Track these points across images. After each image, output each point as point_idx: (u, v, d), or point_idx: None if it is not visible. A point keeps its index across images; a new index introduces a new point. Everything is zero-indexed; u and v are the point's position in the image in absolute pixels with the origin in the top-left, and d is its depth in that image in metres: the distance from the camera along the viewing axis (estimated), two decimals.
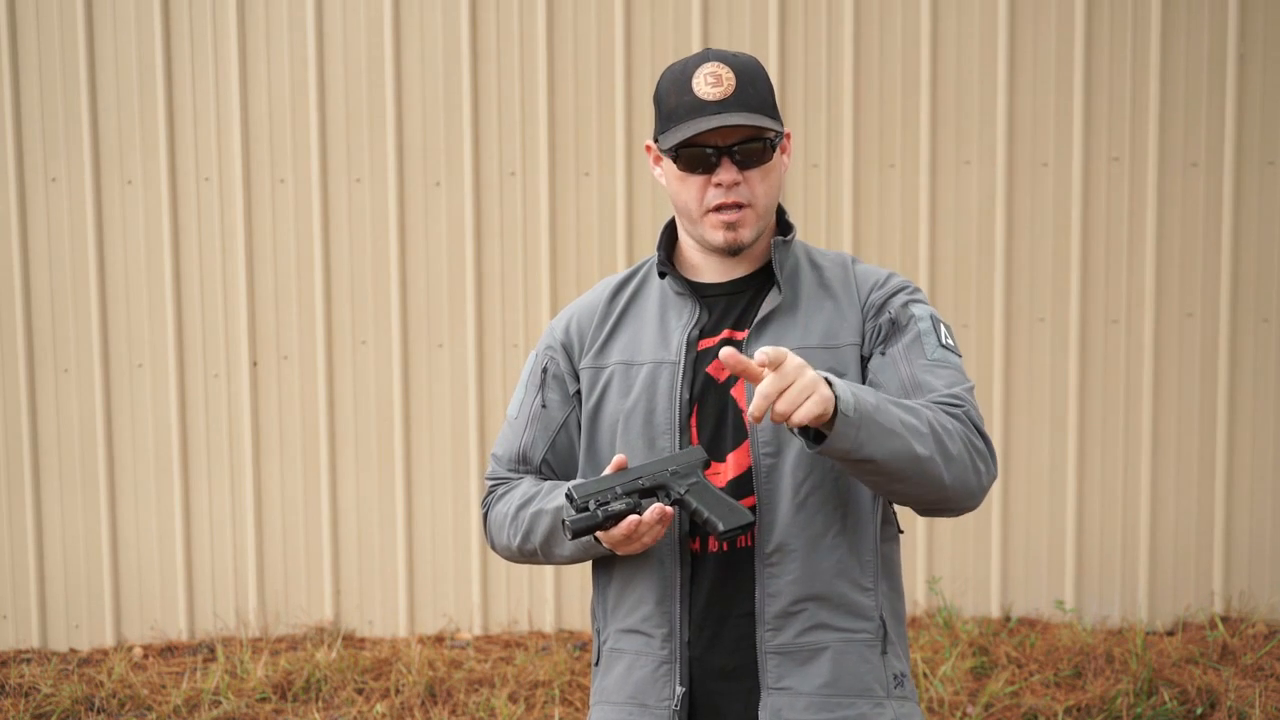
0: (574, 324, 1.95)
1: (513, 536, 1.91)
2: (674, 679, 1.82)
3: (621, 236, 4.53)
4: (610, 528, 1.72)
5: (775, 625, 1.79)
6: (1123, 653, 4.10)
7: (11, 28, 4.45)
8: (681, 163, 1.82)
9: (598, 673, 1.92)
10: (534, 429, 1.95)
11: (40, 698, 4.02)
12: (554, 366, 1.95)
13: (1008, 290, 4.53)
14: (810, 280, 1.88)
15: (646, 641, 1.84)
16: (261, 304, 4.55)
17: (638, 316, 1.92)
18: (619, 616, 1.88)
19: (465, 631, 4.59)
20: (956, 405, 1.76)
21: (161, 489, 4.56)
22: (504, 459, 1.98)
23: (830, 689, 1.79)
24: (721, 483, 1.82)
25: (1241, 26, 4.44)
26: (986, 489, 1.78)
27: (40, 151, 4.50)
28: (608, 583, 1.90)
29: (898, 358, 1.80)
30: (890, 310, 1.84)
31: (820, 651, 1.79)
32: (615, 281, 1.98)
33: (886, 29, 4.49)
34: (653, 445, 1.83)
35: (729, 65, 1.81)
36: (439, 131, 4.52)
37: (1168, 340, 4.52)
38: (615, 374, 1.88)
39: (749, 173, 1.81)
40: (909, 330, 1.82)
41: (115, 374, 4.54)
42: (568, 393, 1.94)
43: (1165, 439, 4.53)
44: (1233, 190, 4.48)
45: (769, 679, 1.79)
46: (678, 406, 1.83)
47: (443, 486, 4.58)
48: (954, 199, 4.53)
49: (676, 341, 1.86)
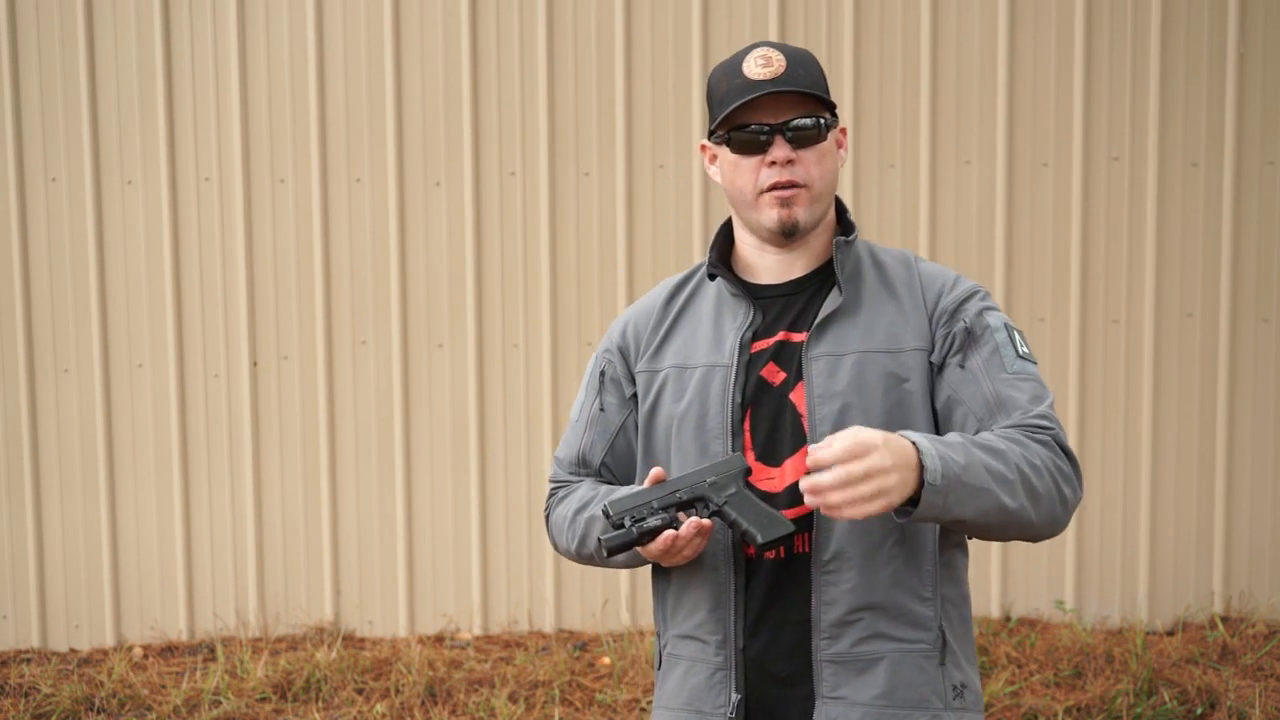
0: (630, 327, 1.94)
1: (570, 540, 1.91)
2: (729, 685, 1.80)
3: (622, 236, 4.53)
4: (647, 543, 1.71)
5: (831, 634, 1.77)
6: (1123, 653, 4.10)
7: (11, 28, 4.45)
8: (734, 145, 1.79)
9: (659, 677, 1.91)
10: (593, 432, 1.94)
11: (40, 698, 4.02)
12: (611, 370, 1.94)
13: (1008, 290, 4.53)
14: (873, 280, 1.84)
15: (702, 648, 1.83)
16: (261, 304, 4.55)
17: (693, 319, 1.89)
18: (677, 622, 1.87)
19: (465, 631, 4.59)
20: (1045, 429, 1.71)
21: (161, 489, 4.56)
22: (565, 462, 1.97)
23: (886, 700, 1.75)
24: (778, 488, 1.79)
25: (1241, 26, 4.44)
26: (1073, 511, 1.74)
27: (40, 151, 4.50)
28: (666, 587, 1.89)
29: (979, 373, 1.76)
30: (965, 319, 1.79)
31: (876, 661, 1.76)
32: (673, 284, 1.95)
33: (886, 29, 4.49)
34: (706, 450, 1.81)
35: (780, 50, 1.79)
36: (439, 131, 4.52)
37: (1168, 340, 4.52)
38: (670, 378, 1.86)
39: (803, 152, 1.78)
40: (986, 341, 1.77)
41: (115, 374, 4.54)
42: (625, 396, 1.92)
43: (1165, 439, 4.53)
44: (1233, 190, 4.48)
45: (824, 688, 1.77)
46: (730, 411, 1.80)
47: (443, 486, 4.58)
48: (954, 199, 4.53)
49: (730, 344, 1.83)
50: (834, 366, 1.77)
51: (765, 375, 1.81)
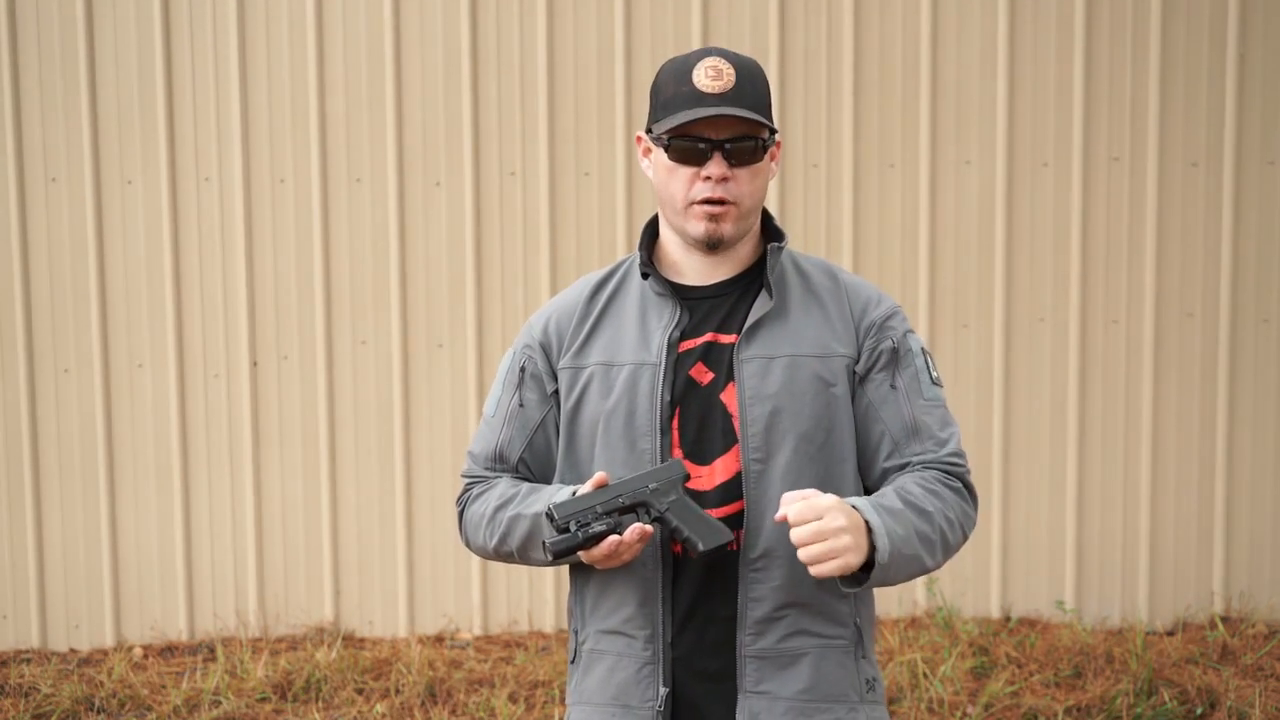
0: (552, 323, 1.94)
1: (489, 537, 1.91)
2: (657, 680, 1.82)
3: (621, 236, 4.53)
4: (591, 548, 1.73)
5: (756, 630, 1.80)
6: (1123, 653, 4.10)
7: (11, 28, 4.45)
8: (673, 153, 1.82)
9: (575, 672, 1.92)
10: (511, 428, 1.94)
11: (40, 698, 4.02)
12: (532, 365, 1.93)
13: (1008, 290, 4.53)
14: (798, 287, 1.88)
15: (629, 643, 1.84)
16: (261, 304, 4.55)
17: (617, 316, 1.90)
18: (599, 617, 1.88)
19: (465, 631, 4.59)
20: (956, 468, 1.84)
21: (161, 489, 4.56)
22: (480, 457, 1.97)
23: (808, 694, 1.81)
24: (707, 486, 1.82)
25: (1241, 26, 4.44)
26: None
27: (40, 151, 4.49)
28: (586, 583, 1.90)
29: (901, 397, 1.85)
30: (892, 338, 1.86)
31: (800, 657, 1.81)
32: (594, 280, 1.96)
33: (886, 29, 4.49)
34: (634, 447, 1.83)
35: (730, 62, 1.81)
36: (439, 131, 4.52)
37: (1168, 340, 4.52)
38: (595, 375, 1.87)
39: (738, 170, 1.80)
40: (908, 365, 1.86)
41: (115, 374, 4.54)
42: (545, 392, 1.92)
43: (1165, 439, 4.53)
44: (1233, 190, 4.48)
45: (747, 683, 1.80)
46: (659, 409, 1.82)
47: (443, 486, 4.57)
48: (954, 199, 4.53)
49: (657, 343, 1.85)
50: (765, 369, 1.82)
51: (694, 375, 1.84)
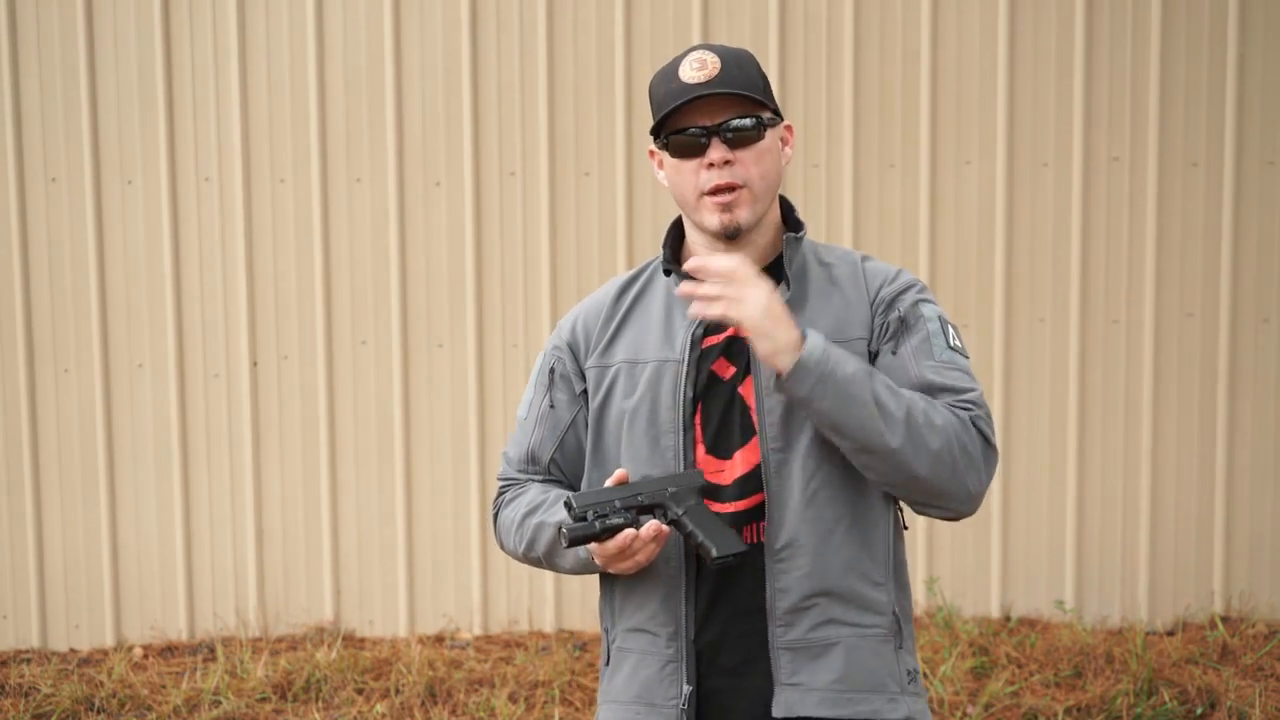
0: (580, 323, 1.96)
1: (518, 543, 1.93)
2: (681, 678, 1.82)
3: (621, 236, 4.53)
4: (606, 540, 1.73)
5: (786, 621, 1.79)
6: (1123, 653, 4.10)
7: (11, 28, 4.45)
8: (673, 150, 1.82)
9: (606, 673, 1.92)
10: (542, 429, 1.95)
11: (40, 698, 4.02)
12: (561, 366, 1.95)
13: (1008, 290, 4.53)
14: (819, 277, 1.88)
15: (652, 640, 1.84)
16: (261, 304, 4.55)
17: (643, 315, 1.92)
18: (625, 615, 1.88)
19: (465, 631, 4.59)
20: (967, 409, 1.76)
21: (161, 489, 4.56)
22: (514, 459, 1.99)
23: (842, 684, 1.79)
24: (727, 481, 1.82)
25: (1241, 26, 4.44)
26: (974, 495, 1.75)
27: (40, 151, 4.49)
28: (614, 582, 1.91)
29: (906, 359, 1.80)
30: (900, 308, 1.84)
31: (832, 647, 1.79)
32: (621, 281, 1.98)
33: (887, 29, 4.49)
34: (656, 444, 1.84)
35: (715, 52, 1.81)
36: (439, 131, 4.52)
37: (1168, 340, 4.52)
38: (620, 373, 1.88)
39: (741, 153, 1.80)
40: (918, 330, 1.82)
41: (115, 374, 4.54)
42: (574, 392, 1.94)
43: (1165, 439, 4.53)
44: (1233, 190, 4.48)
45: (782, 675, 1.79)
46: (681, 405, 1.83)
47: (443, 486, 4.58)
48: (954, 199, 4.53)
49: (681, 340, 1.86)
50: None
51: (716, 370, 1.85)
